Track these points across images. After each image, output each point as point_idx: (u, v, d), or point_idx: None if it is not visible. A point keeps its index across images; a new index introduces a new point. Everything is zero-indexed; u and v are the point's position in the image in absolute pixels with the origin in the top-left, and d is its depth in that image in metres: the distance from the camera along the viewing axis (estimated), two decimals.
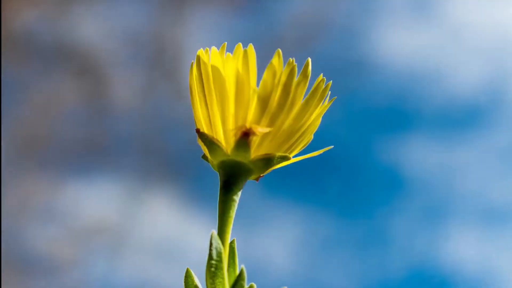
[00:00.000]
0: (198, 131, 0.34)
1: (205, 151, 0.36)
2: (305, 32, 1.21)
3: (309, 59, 0.34)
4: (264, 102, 0.33)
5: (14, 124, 1.23)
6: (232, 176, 0.34)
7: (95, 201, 1.23)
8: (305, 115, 0.34)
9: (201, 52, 0.34)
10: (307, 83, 0.34)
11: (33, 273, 1.17)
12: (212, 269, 0.32)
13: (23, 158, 1.24)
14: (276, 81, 0.33)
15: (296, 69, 0.33)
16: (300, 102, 0.34)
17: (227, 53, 0.34)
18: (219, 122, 0.34)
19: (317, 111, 0.35)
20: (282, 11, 1.26)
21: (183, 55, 1.27)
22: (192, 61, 0.35)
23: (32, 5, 1.28)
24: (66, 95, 1.25)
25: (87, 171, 1.26)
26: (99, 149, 1.26)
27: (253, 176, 0.35)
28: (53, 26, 1.27)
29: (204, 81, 0.34)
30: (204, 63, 0.34)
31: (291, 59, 0.34)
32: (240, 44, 0.34)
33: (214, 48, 0.34)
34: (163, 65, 1.29)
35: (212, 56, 0.34)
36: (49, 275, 1.17)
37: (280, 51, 0.33)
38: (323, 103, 0.35)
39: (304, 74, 0.34)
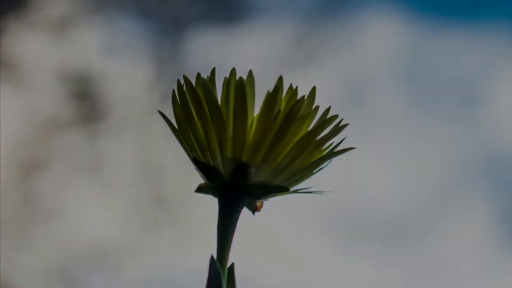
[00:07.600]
0: (195, 159, 0.34)
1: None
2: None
3: (315, 87, 0.32)
4: (262, 132, 0.32)
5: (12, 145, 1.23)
6: (230, 199, 0.34)
7: (94, 224, 1.22)
8: (308, 151, 0.33)
9: (185, 78, 0.33)
10: (315, 114, 0.33)
11: None
12: None
13: (20, 180, 1.24)
14: (275, 112, 0.32)
15: (298, 97, 0.32)
16: (301, 134, 0.32)
17: (225, 77, 0.33)
18: (217, 149, 0.33)
19: (323, 151, 0.33)
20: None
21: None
22: (174, 88, 0.34)
23: (31, 28, 1.28)
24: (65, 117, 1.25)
25: (85, 194, 1.26)
26: (97, 171, 1.26)
27: (251, 205, 0.35)
28: (51, 50, 1.27)
29: (195, 107, 0.33)
30: (193, 88, 0.33)
31: (292, 86, 0.32)
32: (235, 69, 0.33)
33: (199, 73, 0.33)
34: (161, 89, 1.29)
35: (199, 81, 0.33)
36: None
37: (282, 78, 0.32)
38: (332, 144, 0.33)
39: (309, 103, 0.32)
